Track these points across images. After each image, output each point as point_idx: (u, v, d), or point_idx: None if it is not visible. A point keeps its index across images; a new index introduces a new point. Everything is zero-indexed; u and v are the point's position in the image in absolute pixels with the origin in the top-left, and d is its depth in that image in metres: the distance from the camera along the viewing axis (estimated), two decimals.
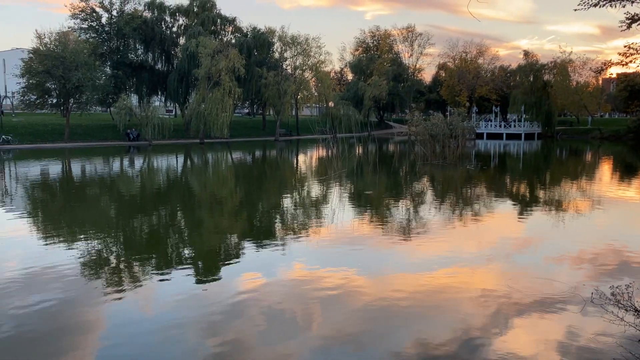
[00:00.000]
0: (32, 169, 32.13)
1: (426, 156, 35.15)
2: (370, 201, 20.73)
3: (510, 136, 71.73)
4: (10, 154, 41.46)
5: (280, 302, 8.77)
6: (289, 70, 67.78)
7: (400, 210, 18.31)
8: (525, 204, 19.93)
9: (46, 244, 12.94)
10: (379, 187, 24.64)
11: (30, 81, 49.16)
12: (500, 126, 75.16)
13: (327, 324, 7.89)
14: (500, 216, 17.33)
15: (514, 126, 74.64)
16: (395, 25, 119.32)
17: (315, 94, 71.33)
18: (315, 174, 31.19)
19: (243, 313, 8.32)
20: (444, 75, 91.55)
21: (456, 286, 9.63)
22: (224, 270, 10.96)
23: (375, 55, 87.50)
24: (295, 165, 38.08)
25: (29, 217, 17.01)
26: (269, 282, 9.85)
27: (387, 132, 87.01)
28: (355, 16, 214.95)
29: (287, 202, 20.45)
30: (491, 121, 76.91)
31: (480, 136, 68.99)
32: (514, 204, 20.19)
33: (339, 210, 17.71)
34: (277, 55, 67.91)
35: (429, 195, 22.64)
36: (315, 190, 23.63)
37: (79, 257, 11.51)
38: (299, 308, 8.51)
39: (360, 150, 49.92)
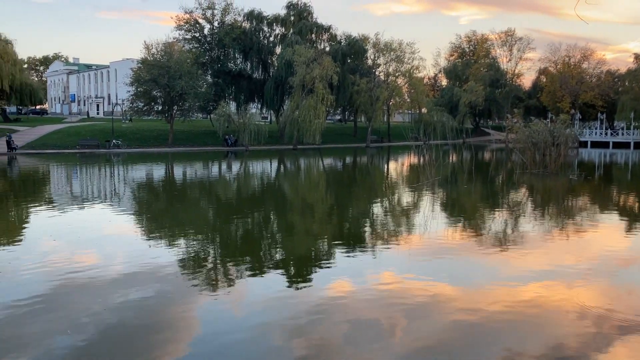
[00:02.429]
0: (139, 172, 34.35)
1: (525, 165, 33.73)
2: (464, 210, 20.22)
3: (618, 145, 67.11)
4: (119, 157, 44.58)
5: (367, 308, 8.78)
6: (382, 77, 67.58)
7: (496, 220, 17.70)
8: (633, 218, 18.58)
9: (149, 243, 13.78)
10: (473, 196, 23.97)
11: (139, 89, 52.57)
12: (606, 134, 70.57)
13: (413, 334, 7.79)
14: (604, 230, 16.26)
15: (622, 134, 69.77)
16: (493, 29, 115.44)
17: (408, 100, 70.55)
18: (406, 181, 30.88)
19: (329, 317, 8.41)
20: (544, 80, 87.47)
21: (552, 302, 9.17)
22: (314, 274, 11.13)
23: (471, 61, 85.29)
24: (386, 172, 37.92)
25: (135, 217, 18.18)
26: (357, 289, 9.88)
27: (484, 139, 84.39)
28: (449, 21, 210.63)
29: (377, 209, 20.41)
30: (596, 129, 72.42)
31: (583, 144, 65.10)
32: (620, 218, 18.87)
33: (431, 218, 17.42)
34: (370, 61, 68.02)
35: (527, 205, 21.70)
36: (406, 197, 23.40)
37: (178, 256, 12.17)
38: (386, 316, 8.47)
39: (455, 158, 48.78)
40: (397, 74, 66.25)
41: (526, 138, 34.40)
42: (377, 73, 67.54)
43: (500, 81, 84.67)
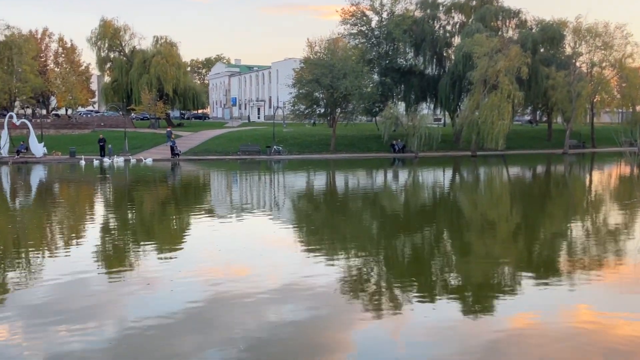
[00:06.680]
0: (300, 180, 36.14)
1: None
2: None
3: None
4: (280, 163, 47.35)
5: (555, 349, 8.36)
6: (584, 69, 63.34)
7: None
8: None
9: (307, 256, 14.48)
10: None
11: (300, 91, 55.26)
12: None
13: None
14: None
15: None
16: None
17: (618, 96, 65.26)
18: (615, 196, 28.61)
19: (508, 355, 8.14)
20: None
21: None
22: (493, 304, 10.83)
23: None
24: (588, 185, 35.41)
25: (296, 229, 19.26)
26: (545, 324, 9.42)
27: None
28: None
29: (576, 231, 19.21)
30: None
31: None
32: None
33: None
34: (568, 50, 64.07)
35: None
36: (614, 217, 21.67)
37: (337, 273, 12.62)
38: (579, 359, 7.98)
39: None
40: (603, 65, 61.67)
41: None
42: (577, 64, 63.47)
43: None
